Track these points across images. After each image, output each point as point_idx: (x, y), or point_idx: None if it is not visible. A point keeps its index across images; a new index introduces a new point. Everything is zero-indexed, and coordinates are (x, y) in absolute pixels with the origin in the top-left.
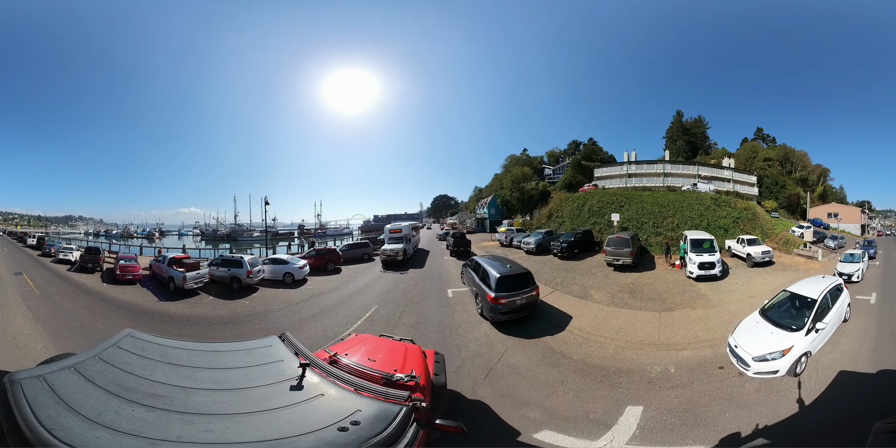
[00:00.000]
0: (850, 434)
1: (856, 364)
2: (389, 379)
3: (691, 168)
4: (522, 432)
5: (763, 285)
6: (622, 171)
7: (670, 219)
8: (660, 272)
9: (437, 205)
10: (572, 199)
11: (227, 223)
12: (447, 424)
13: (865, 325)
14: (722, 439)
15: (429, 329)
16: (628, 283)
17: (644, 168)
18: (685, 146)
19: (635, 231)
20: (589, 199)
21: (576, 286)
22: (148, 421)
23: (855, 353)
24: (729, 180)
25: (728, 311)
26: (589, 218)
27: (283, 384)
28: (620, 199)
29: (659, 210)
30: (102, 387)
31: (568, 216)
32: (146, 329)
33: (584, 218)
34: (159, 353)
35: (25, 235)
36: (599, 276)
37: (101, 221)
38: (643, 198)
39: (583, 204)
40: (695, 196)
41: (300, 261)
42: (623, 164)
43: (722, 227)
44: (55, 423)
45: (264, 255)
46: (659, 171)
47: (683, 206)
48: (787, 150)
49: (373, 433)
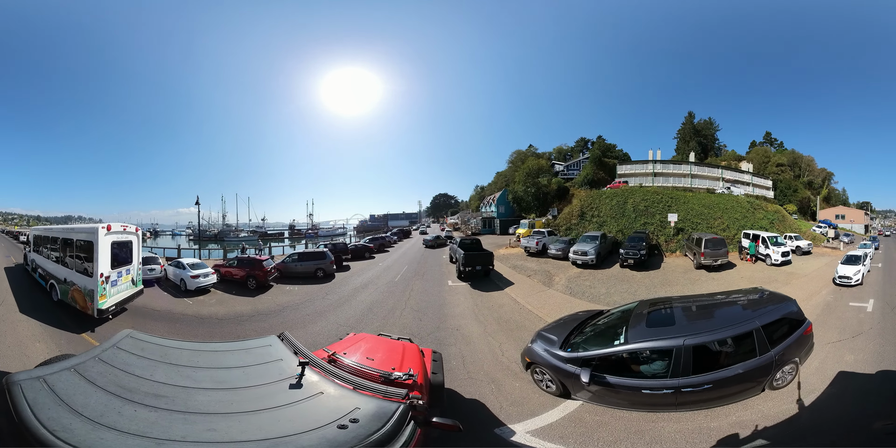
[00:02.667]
0: (850, 435)
1: (856, 363)
2: (388, 377)
3: (716, 171)
4: None
5: (820, 262)
6: (647, 170)
7: (720, 220)
8: (748, 265)
9: (437, 204)
10: (608, 196)
11: (216, 223)
12: (444, 422)
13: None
14: (720, 440)
15: None
16: (767, 276)
17: (670, 168)
18: (697, 148)
19: (690, 231)
20: (630, 196)
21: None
22: (151, 421)
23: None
24: (748, 184)
25: (818, 272)
26: (636, 218)
27: (282, 383)
28: (665, 199)
29: (707, 211)
30: (103, 388)
31: (609, 215)
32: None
33: (629, 217)
34: (159, 354)
35: (20, 233)
36: (737, 280)
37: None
38: (687, 198)
39: (623, 202)
40: (733, 199)
41: (203, 269)
42: (648, 162)
43: (762, 227)
44: (58, 424)
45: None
46: (685, 172)
47: (728, 208)
48: (795, 155)
49: (371, 430)
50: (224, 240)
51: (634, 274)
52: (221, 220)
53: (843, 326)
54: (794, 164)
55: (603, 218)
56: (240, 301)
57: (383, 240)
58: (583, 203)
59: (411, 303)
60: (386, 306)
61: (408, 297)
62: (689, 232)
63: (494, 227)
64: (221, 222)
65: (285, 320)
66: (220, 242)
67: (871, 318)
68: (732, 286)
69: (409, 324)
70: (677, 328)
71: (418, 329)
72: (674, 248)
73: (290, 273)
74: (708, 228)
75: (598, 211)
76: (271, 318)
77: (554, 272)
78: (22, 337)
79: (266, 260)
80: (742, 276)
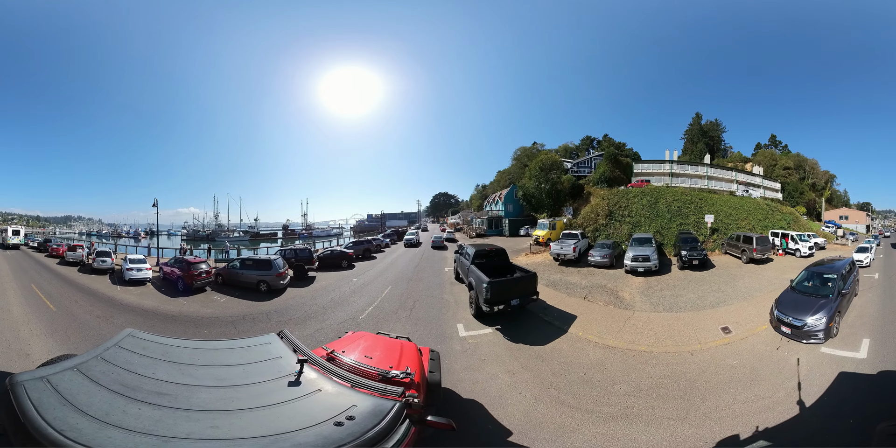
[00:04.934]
0: (851, 435)
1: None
2: (385, 375)
3: (731, 174)
4: None
5: (836, 254)
6: (665, 170)
7: (746, 220)
8: (782, 258)
9: (437, 203)
10: (636, 195)
11: (209, 223)
12: (438, 421)
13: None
14: (721, 441)
15: None
16: (802, 264)
17: (688, 169)
18: (705, 149)
19: (723, 231)
20: (660, 196)
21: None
22: (156, 419)
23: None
24: (760, 187)
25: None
26: (671, 218)
27: (281, 380)
28: (695, 200)
29: (734, 213)
30: (107, 386)
31: (642, 215)
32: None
33: (664, 218)
34: (161, 352)
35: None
36: (785, 268)
37: (100, 221)
38: (715, 200)
39: (654, 201)
40: (753, 202)
41: (139, 264)
42: (665, 162)
43: (781, 227)
44: (65, 423)
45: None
46: (702, 174)
47: (751, 210)
48: (800, 158)
49: (367, 428)
50: (215, 240)
51: (701, 274)
52: (213, 220)
53: (863, 284)
54: (798, 167)
55: (635, 218)
56: (157, 298)
57: (368, 244)
58: (608, 202)
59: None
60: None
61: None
62: (723, 232)
63: (502, 227)
64: (213, 222)
65: (146, 326)
66: (211, 242)
67: (878, 282)
68: (785, 272)
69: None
70: None
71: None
72: (712, 248)
73: (234, 281)
74: (737, 228)
75: (628, 210)
76: (148, 319)
77: (613, 286)
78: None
79: (197, 262)
80: (785, 266)
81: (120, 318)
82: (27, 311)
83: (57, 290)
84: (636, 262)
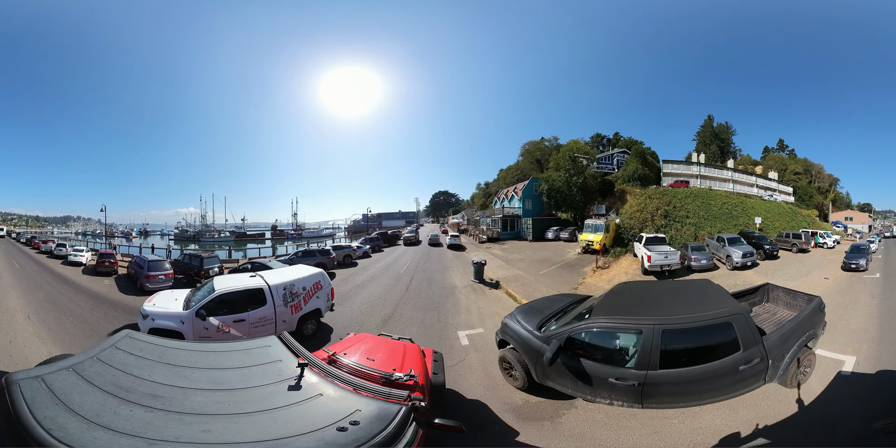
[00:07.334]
0: (850, 434)
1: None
2: (388, 378)
3: (752, 178)
4: None
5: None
6: (692, 171)
7: (778, 222)
8: (816, 249)
9: (437, 202)
10: (685, 196)
11: (196, 224)
12: (447, 424)
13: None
14: (721, 439)
15: None
16: (832, 252)
17: (714, 172)
18: (717, 151)
19: (768, 230)
20: (710, 198)
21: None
22: (146, 421)
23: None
24: (775, 191)
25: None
26: (728, 220)
27: (281, 384)
28: (738, 203)
29: (768, 215)
30: (101, 387)
31: (701, 217)
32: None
33: (720, 219)
34: (157, 354)
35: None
36: (825, 255)
37: (98, 222)
38: (753, 203)
39: (706, 203)
40: (779, 205)
41: (79, 251)
42: (692, 164)
43: (803, 227)
44: (53, 423)
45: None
46: (727, 177)
47: (780, 213)
48: (808, 163)
49: (372, 433)
50: (201, 240)
51: (781, 261)
52: (200, 221)
53: (863, 284)
54: (806, 171)
55: (696, 218)
56: (95, 282)
57: (322, 257)
58: (660, 201)
59: None
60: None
61: None
62: (765, 232)
63: (521, 228)
64: (200, 222)
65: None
66: (197, 242)
67: (878, 281)
68: (826, 256)
69: None
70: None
71: None
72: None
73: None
74: (773, 229)
75: (685, 211)
76: (68, 286)
77: (769, 279)
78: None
79: (109, 253)
80: (821, 254)
81: (46, 274)
82: (3, 268)
83: (24, 261)
84: (746, 258)
